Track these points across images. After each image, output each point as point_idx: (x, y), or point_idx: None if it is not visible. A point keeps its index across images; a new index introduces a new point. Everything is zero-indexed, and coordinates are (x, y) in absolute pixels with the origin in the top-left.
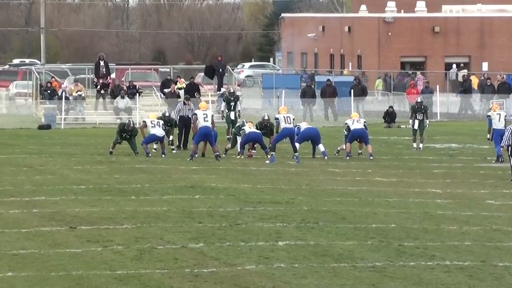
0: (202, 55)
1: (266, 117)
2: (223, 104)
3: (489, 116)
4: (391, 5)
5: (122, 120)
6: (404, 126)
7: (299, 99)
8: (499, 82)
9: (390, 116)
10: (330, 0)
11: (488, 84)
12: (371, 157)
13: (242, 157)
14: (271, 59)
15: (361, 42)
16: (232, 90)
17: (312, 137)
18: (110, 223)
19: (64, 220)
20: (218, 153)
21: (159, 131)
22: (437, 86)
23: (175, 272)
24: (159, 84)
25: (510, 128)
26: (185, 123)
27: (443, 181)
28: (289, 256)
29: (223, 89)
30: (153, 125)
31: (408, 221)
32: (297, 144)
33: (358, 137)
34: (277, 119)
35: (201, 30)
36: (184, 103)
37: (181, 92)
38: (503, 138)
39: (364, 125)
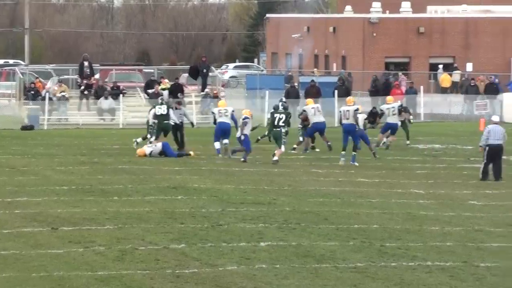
0: (187, 55)
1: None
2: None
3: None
4: (376, 6)
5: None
6: None
7: None
8: (487, 83)
9: (373, 117)
10: (315, 1)
11: (472, 84)
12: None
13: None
14: (256, 60)
15: (346, 42)
16: (284, 100)
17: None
18: (92, 223)
19: (46, 220)
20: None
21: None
22: (421, 87)
23: (157, 273)
24: (143, 84)
25: (488, 128)
26: (176, 127)
27: (426, 182)
28: (270, 256)
29: (206, 90)
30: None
31: (390, 221)
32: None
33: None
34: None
35: (185, 31)
36: (176, 108)
37: (165, 93)
38: (482, 138)
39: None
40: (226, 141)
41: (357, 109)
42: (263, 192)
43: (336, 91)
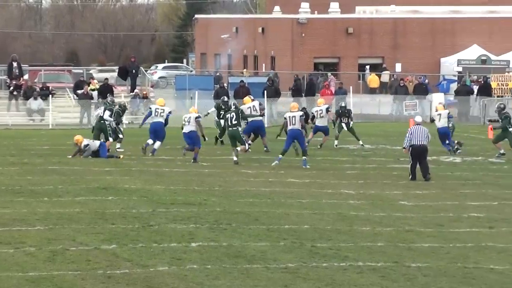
0: (115, 56)
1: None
2: (213, 110)
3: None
4: (305, 6)
5: None
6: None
7: (212, 100)
8: (415, 83)
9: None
10: (244, 1)
11: (401, 85)
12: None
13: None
14: (185, 60)
15: (275, 43)
16: (226, 99)
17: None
18: (23, 224)
19: None
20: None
21: (190, 128)
22: (350, 87)
23: (88, 273)
24: (72, 85)
25: (410, 129)
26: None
27: (356, 182)
28: (201, 257)
29: (136, 90)
30: (185, 123)
31: (321, 222)
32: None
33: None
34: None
35: (114, 31)
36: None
37: (94, 94)
38: (404, 139)
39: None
40: (158, 143)
41: (302, 115)
42: (194, 193)
43: (265, 92)
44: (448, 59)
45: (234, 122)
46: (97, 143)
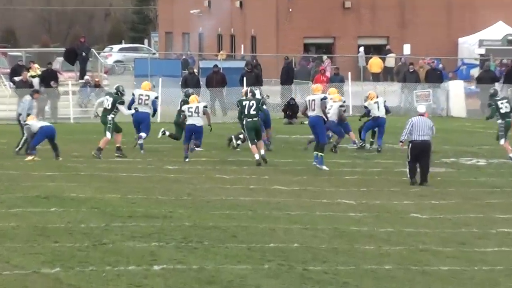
0: (62, 35)
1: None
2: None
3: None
4: None
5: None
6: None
7: (179, 89)
8: (428, 68)
9: (292, 110)
10: None
11: (411, 71)
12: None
13: None
14: (146, 41)
15: (256, 20)
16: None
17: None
18: None
19: None
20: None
21: (197, 121)
22: (349, 74)
23: None
24: (8, 71)
25: (411, 121)
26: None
27: (357, 190)
28: (166, 283)
29: (86, 77)
30: (190, 113)
31: (314, 239)
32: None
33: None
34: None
35: (60, 6)
36: (33, 98)
37: (35, 81)
38: (403, 131)
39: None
40: (143, 135)
41: (324, 98)
42: (157, 203)
43: (244, 79)
44: (468, 39)
45: (253, 112)
46: (41, 123)
